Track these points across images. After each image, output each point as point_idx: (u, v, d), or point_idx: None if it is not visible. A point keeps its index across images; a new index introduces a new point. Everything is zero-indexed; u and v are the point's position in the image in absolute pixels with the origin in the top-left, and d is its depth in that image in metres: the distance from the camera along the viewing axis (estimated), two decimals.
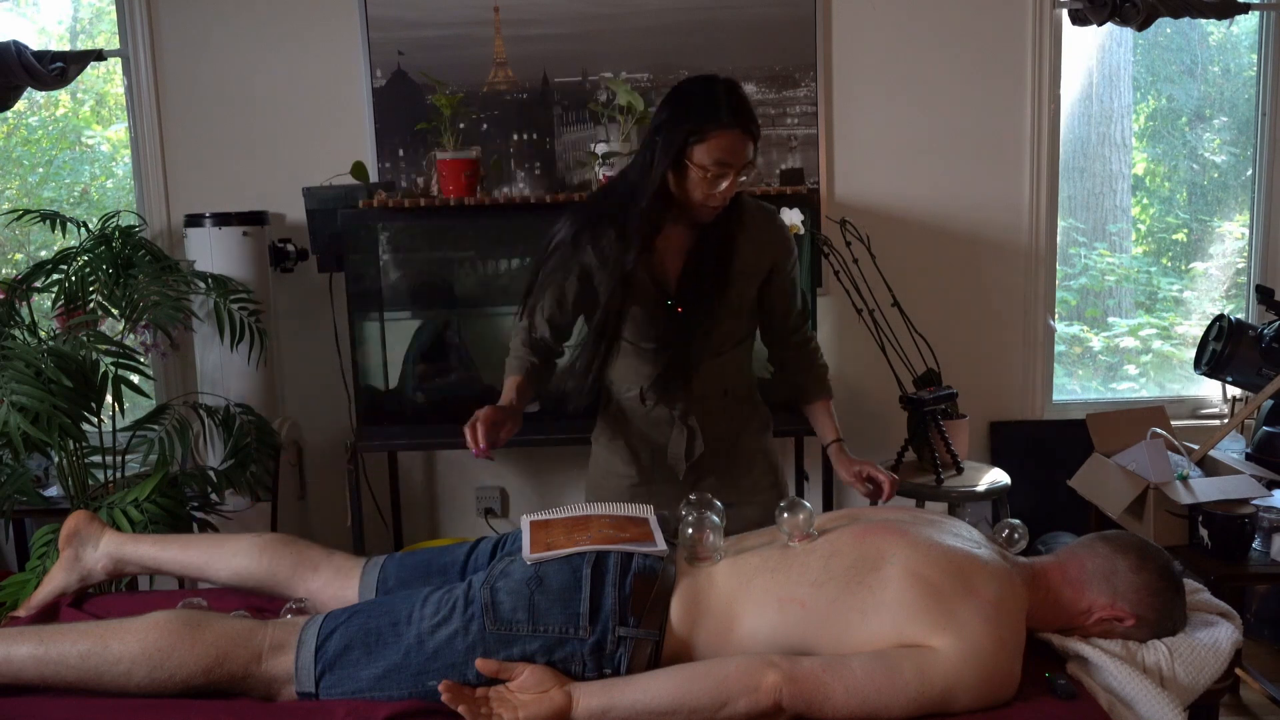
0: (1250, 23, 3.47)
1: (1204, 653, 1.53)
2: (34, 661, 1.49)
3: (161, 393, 3.38)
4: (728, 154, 1.83)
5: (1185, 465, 2.50)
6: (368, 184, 3.07)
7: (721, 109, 1.82)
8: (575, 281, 1.99)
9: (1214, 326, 2.95)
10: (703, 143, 1.82)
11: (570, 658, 1.48)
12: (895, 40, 3.29)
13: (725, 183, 1.85)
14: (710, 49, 3.24)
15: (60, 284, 2.81)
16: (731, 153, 1.83)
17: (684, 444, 2.06)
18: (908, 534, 1.53)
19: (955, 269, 3.38)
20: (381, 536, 3.40)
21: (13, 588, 2.43)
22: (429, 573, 1.73)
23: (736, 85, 1.88)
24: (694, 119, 1.83)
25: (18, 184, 3.69)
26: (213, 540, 1.86)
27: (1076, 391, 3.70)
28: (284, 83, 3.30)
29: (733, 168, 1.84)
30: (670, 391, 2.02)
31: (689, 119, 1.84)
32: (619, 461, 2.12)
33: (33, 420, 2.37)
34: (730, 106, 1.82)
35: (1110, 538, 1.64)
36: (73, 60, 3.21)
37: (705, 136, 1.82)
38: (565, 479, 3.47)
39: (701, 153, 1.83)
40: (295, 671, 1.50)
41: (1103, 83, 3.61)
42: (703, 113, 1.83)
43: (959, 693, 1.40)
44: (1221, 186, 3.65)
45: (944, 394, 2.86)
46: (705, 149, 1.83)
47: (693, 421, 2.05)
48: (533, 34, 3.24)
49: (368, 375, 3.13)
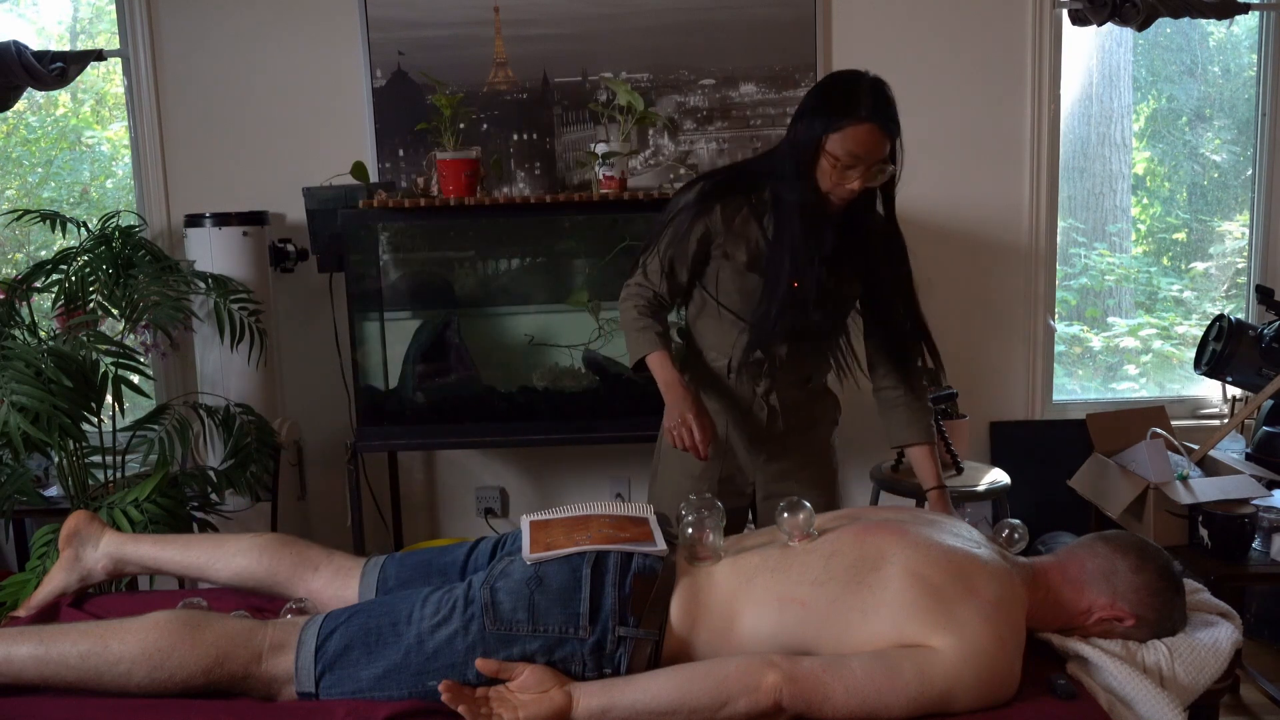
0: (1250, 23, 3.47)
1: (1204, 653, 1.53)
2: (34, 661, 1.49)
3: (161, 393, 3.38)
4: (860, 146, 1.85)
5: (1185, 465, 2.50)
6: (368, 184, 3.07)
7: (861, 102, 1.84)
8: (696, 243, 2.01)
9: (1214, 326, 2.95)
10: (838, 133, 1.85)
11: (570, 658, 1.48)
12: (895, 40, 3.29)
13: (855, 175, 1.87)
14: (710, 49, 3.24)
15: (60, 284, 2.81)
16: (864, 146, 1.85)
17: (764, 421, 2.07)
18: (908, 534, 1.53)
19: (955, 269, 3.38)
20: (381, 536, 3.40)
21: (13, 588, 2.43)
22: (429, 573, 1.73)
23: (881, 84, 1.89)
24: (834, 108, 1.86)
25: (17, 184, 3.69)
26: (213, 540, 1.86)
27: (1076, 391, 3.70)
28: (284, 82, 3.30)
29: (864, 162, 1.86)
30: (752, 362, 2.03)
31: (829, 108, 1.87)
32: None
33: (33, 420, 2.37)
34: (870, 101, 1.85)
35: (1110, 538, 1.64)
36: (73, 60, 3.21)
37: (841, 127, 1.85)
38: (565, 479, 3.47)
39: (835, 143, 1.85)
40: (295, 671, 1.50)
41: (1103, 83, 3.61)
42: (843, 104, 1.85)
43: (959, 693, 1.40)
44: (1221, 186, 3.65)
45: (944, 394, 2.86)
46: (839, 139, 1.85)
47: (774, 400, 2.06)
48: (533, 34, 3.24)
49: (368, 375, 3.13)
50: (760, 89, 3.26)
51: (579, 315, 3.18)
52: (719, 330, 2.07)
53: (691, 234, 2.00)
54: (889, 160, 1.91)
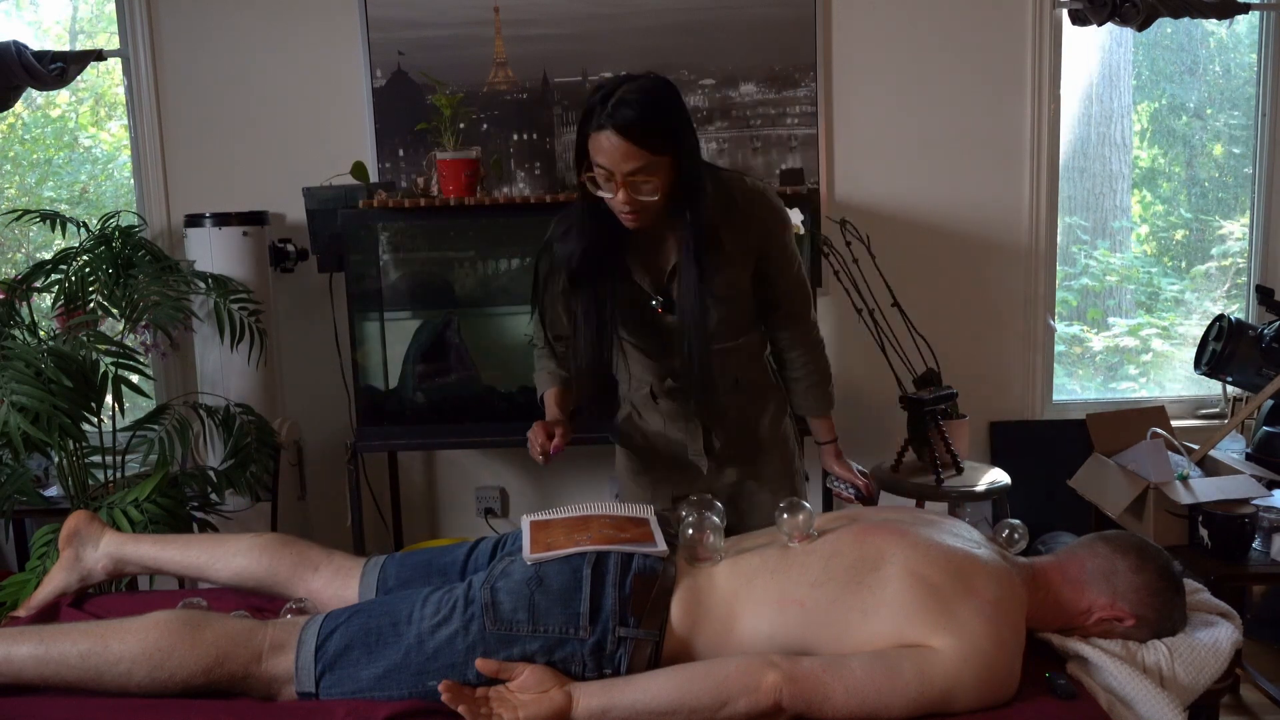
0: (1250, 23, 3.47)
1: (1204, 653, 1.53)
2: (34, 661, 1.49)
3: (161, 393, 3.38)
4: (602, 155, 1.70)
5: (1185, 465, 2.50)
6: (368, 184, 3.07)
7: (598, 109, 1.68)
8: (560, 292, 1.96)
9: (1214, 326, 2.95)
10: (586, 141, 1.73)
11: (570, 658, 1.48)
12: (895, 40, 3.29)
13: (611, 188, 1.73)
14: (710, 49, 3.24)
15: (60, 284, 2.81)
16: (607, 155, 1.69)
17: (701, 440, 2.05)
18: (908, 534, 1.53)
19: (955, 269, 3.38)
20: (381, 536, 3.40)
21: (13, 588, 2.43)
22: (429, 573, 1.73)
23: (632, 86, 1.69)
24: (583, 118, 1.73)
25: (17, 184, 3.69)
26: (213, 540, 1.86)
27: (1076, 391, 3.70)
28: (284, 82, 3.30)
29: (615, 173, 1.70)
30: (681, 391, 2.01)
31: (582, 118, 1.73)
32: (642, 462, 2.12)
33: (33, 420, 2.37)
34: (610, 106, 1.67)
35: (1110, 538, 1.64)
36: (73, 60, 3.21)
37: (585, 134, 1.73)
38: (565, 479, 3.47)
39: (591, 153, 1.74)
40: (295, 671, 1.50)
41: (1103, 83, 3.61)
42: (589, 109, 1.71)
43: (959, 693, 1.40)
44: (1222, 186, 3.65)
45: (944, 394, 2.86)
46: (591, 148, 1.73)
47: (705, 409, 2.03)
48: (533, 34, 3.24)
49: (368, 375, 3.13)
50: (760, 89, 3.26)
51: None
52: (630, 364, 2.06)
53: (550, 285, 1.98)
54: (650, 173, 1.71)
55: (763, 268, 1.96)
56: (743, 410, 2.07)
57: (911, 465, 2.91)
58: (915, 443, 2.88)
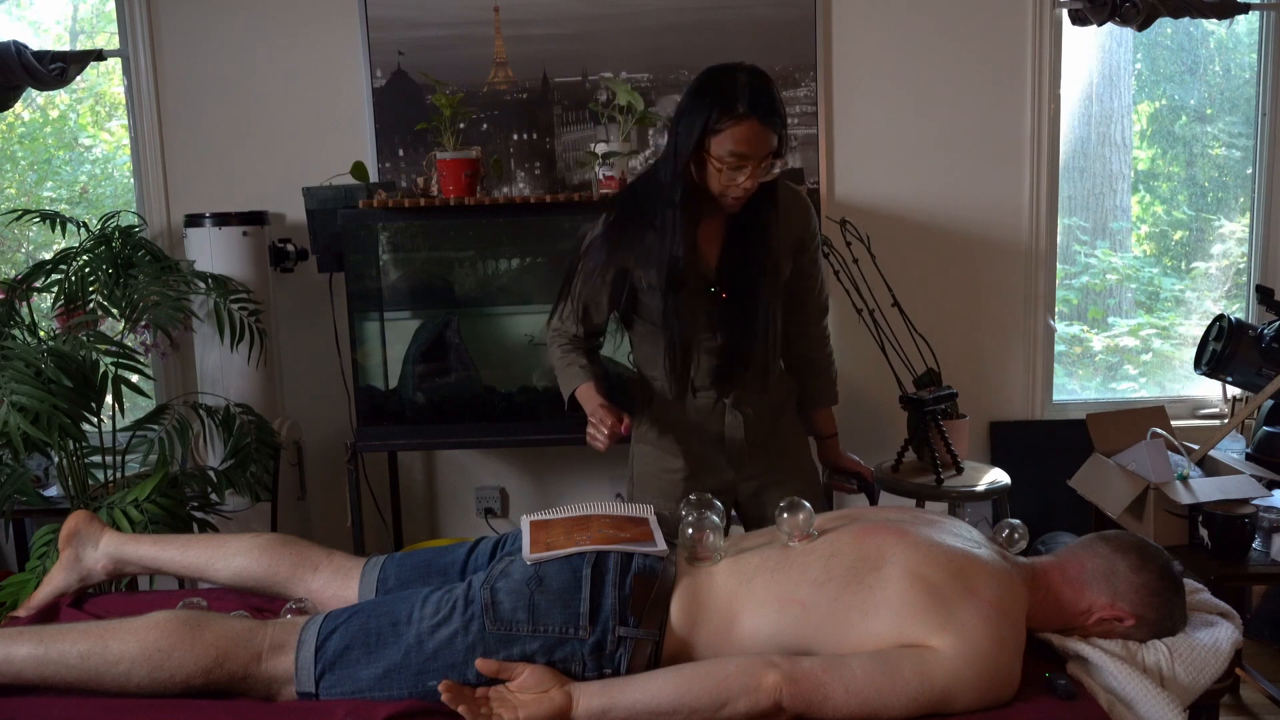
0: (1250, 23, 3.47)
1: (1204, 653, 1.53)
2: (34, 661, 1.49)
3: (161, 393, 3.38)
4: (744, 145, 1.79)
5: (1185, 465, 2.50)
6: (368, 184, 3.07)
7: (739, 98, 1.77)
8: (611, 282, 1.98)
9: (1214, 326, 2.94)
10: (718, 134, 1.79)
11: (570, 658, 1.48)
12: (895, 40, 3.29)
13: (744, 175, 1.82)
14: (710, 49, 3.23)
15: (60, 284, 2.81)
16: (748, 144, 1.78)
17: (741, 430, 2.05)
18: (908, 534, 1.53)
19: (955, 269, 3.38)
20: (381, 536, 3.40)
21: (13, 588, 2.42)
22: (429, 573, 1.73)
23: (760, 74, 1.81)
24: (711, 109, 1.79)
25: (16, 184, 3.69)
26: (213, 540, 1.86)
27: (1076, 391, 3.70)
28: (284, 82, 3.30)
29: (751, 159, 1.80)
30: (730, 381, 2.02)
31: (706, 109, 1.80)
32: (669, 456, 2.10)
33: (33, 420, 2.37)
34: (750, 96, 1.77)
35: (1110, 538, 1.64)
36: (73, 60, 3.21)
37: (721, 128, 1.79)
38: (565, 479, 3.47)
39: (717, 144, 1.80)
40: (295, 671, 1.50)
41: (1103, 83, 3.61)
42: (720, 103, 1.79)
43: (959, 693, 1.40)
44: (1222, 186, 3.65)
45: (944, 394, 2.86)
46: (720, 140, 1.79)
47: (747, 408, 2.05)
48: (533, 34, 3.24)
49: (367, 375, 3.13)
50: None
51: None
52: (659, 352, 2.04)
53: (605, 272, 1.98)
54: (777, 154, 1.83)
55: (799, 261, 2.04)
56: (770, 402, 2.10)
57: (911, 465, 2.91)
58: (915, 443, 2.88)
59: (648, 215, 1.92)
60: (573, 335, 2.06)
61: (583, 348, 2.06)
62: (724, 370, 2.01)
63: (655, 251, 1.91)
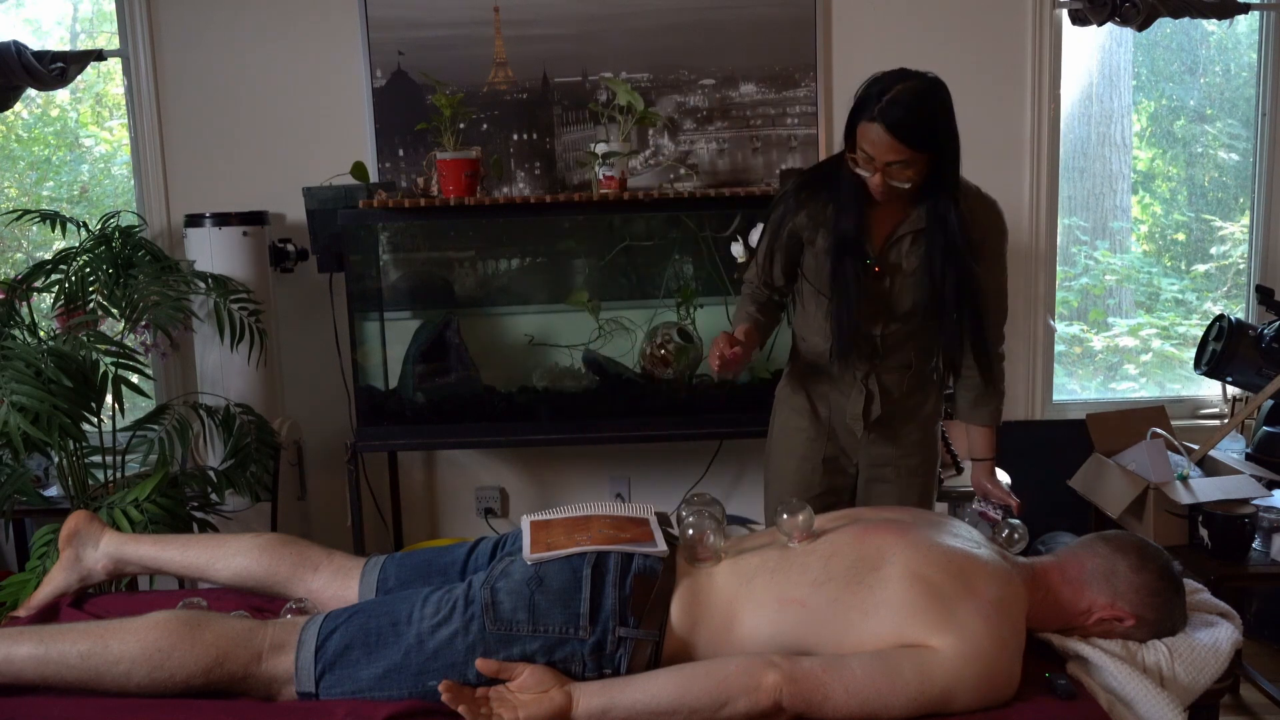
0: (1250, 23, 3.47)
1: (1204, 653, 1.53)
2: (34, 661, 1.49)
3: (161, 393, 3.38)
4: (870, 145, 1.87)
5: (1185, 465, 2.50)
6: (368, 184, 3.07)
7: (879, 101, 1.84)
8: (786, 239, 2.10)
9: (1214, 326, 2.95)
10: (856, 128, 1.89)
11: (570, 658, 1.48)
12: (895, 40, 3.29)
13: (871, 173, 1.89)
14: (710, 49, 3.24)
15: (60, 284, 2.81)
16: (873, 145, 1.86)
17: (861, 404, 2.12)
18: (908, 534, 1.54)
19: None
20: (381, 536, 3.40)
21: (13, 588, 2.42)
22: (429, 573, 1.73)
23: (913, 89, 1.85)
24: (863, 103, 1.88)
25: (16, 184, 3.69)
26: (213, 540, 1.86)
27: (1076, 391, 3.69)
28: (284, 82, 3.30)
29: (875, 160, 1.87)
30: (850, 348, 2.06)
31: (855, 102, 1.90)
32: (797, 415, 2.20)
33: (33, 420, 2.37)
34: (888, 103, 1.83)
35: (1110, 538, 1.64)
36: (73, 60, 3.21)
37: (855, 122, 1.89)
38: (565, 479, 3.47)
39: (858, 136, 1.89)
40: (295, 671, 1.50)
41: (1103, 83, 3.61)
42: (868, 99, 1.87)
43: (959, 693, 1.40)
44: (1222, 186, 3.65)
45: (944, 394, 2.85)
46: (858, 134, 1.89)
47: (873, 384, 2.11)
48: (533, 34, 3.24)
49: (368, 375, 3.13)
50: (760, 89, 3.26)
51: (579, 315, 3.18)
52: (817, 317, 2.13)
53: (783, 227, 2.10)
54: (907, 166, 1.87)
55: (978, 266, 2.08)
56: (905, 395, 2.15)
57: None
58: None
59: (832, 186, 2.03)
60: (755, 286, 2.20)
61: (760, 300, 2.19)
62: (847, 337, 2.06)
63: (829, 218, 2.03)
